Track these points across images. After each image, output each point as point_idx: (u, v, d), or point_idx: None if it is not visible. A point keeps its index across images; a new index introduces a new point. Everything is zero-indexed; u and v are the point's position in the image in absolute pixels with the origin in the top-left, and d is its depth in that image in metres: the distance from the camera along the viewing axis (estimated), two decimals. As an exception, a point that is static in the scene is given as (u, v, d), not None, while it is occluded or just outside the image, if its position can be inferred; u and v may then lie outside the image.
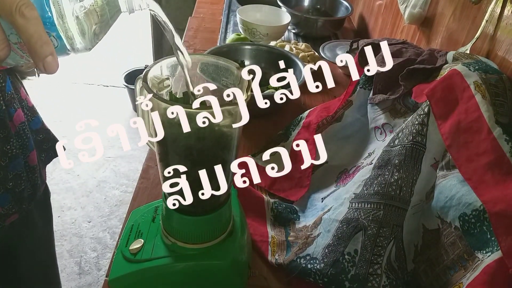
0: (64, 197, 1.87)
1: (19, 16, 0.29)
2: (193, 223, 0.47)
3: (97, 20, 0.34)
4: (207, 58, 0.46)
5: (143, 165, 0.75)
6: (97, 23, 0.34)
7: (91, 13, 0.33)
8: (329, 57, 1.10)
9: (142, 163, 0.76)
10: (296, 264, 0.56)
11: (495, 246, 0.46)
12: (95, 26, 0.34)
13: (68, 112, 2.30)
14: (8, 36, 0.31)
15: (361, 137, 0.75)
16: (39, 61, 0.31)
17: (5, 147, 0.61)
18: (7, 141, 0.61)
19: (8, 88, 0.61)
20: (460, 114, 0.52)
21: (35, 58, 0.31)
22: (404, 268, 0.56)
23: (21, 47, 0.32)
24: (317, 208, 0.67)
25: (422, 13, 0.89)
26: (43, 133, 0.73)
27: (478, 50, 0.67)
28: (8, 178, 0.63)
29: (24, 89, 0.71)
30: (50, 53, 0.31)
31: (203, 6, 1.49)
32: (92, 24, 0.34)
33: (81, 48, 0.34)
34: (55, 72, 0.32)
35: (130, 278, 0.48)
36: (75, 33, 0.33)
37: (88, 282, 1.57)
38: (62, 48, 0.33)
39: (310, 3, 1.43)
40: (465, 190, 0.50)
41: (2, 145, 0.60)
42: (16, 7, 0.29)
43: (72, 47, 0.34)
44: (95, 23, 0.34)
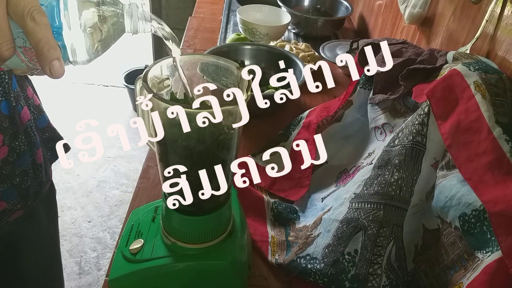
0: (64, 197, 1.87)
1: (30, 20, 0.30)
2: (193, 223, 0.47)
3: (100, 38, 0.35)
4: (207, 58, 0.46)
5: (143, 165, 0.75)
6: (101, 41, 0.35)
7: (97, 30, 0.34)
8: (329, 57, 1.10)
9: (142, 163, 0.76)
10: (296, 264, 0.56)
11: (495, 246, 0.46)
12: (98, 44, 0.35)
13: (68, 112, 2.30)
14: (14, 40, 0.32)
15: (361, 137, 0.75)
16: (45, 64, 0.32)
17: (14, 143, 0.62)
18: (16, 137, 0.62)
19: (14, 86, 0.62)
20: (460, 114, 0.52)
21: (42, 61, 0.32)
22: (404, 268, 0.56)
23: (25, 51, 0.33)
24: (317, 208, 0.67)
25: (422, 13, 0.89)
26: (49, 132, 0.74)
27: (478, 50, 0.67)
28: (15, 173, 0.64)
29: (32, 87, 0.71)
30: (57, 57, 0.32)
31: (203, 6, 1.49)
32: (96, 41, 0.35)
33: (81, 61, 0.36)
34: (61, 76, 0.33)
35: (130, 278, 0.48)
36: (79, 46, 0.34)
37: (88, 282, 1.57)
38: (63, 57, 0.34)
39: (310, 3, 1.43)
40: (465, 190, 0.50)
41: (11, 141, 0.61)
42: (28, 11, 0.30)
43: (73, 59, 0.35)
44: (98, 40, 0.35)
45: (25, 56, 0.34)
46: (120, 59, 2.56)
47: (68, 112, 2.30)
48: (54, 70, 0.32)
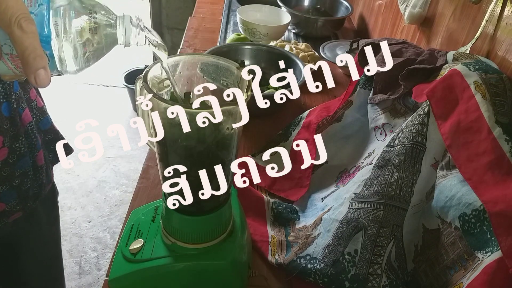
0: (64, 197, 1.87)
1: (17, 28, 0.30)
2: (193, 223, 0.47)
3: (91, 48, 0.35)
4: (207, 58, 0.46)
5: (143, 165, 0.75)
6: (91, 51, 0.35)
7: (88, 40, 0.34)
8: (329, 57, 1.10)
9: (142, 163, 0.76)
10: (296, 264, 0.56)
11: (495, 246, 0.46)
12: (88, 53, 0.35)
13: (68, 112, 2.30)
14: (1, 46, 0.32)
15: (361, 137, 0.75)
16: (31, 73, 0.31)
17: (14, 144, 0.62)
18: (17, 139, 0.62)
19: (15, 88, 0.62)
20: (460, 114, 0.52)
21: (28, 70, 0.31)
22: (404, 268, 0.56)
23: (11, 58, 0.33)
24: (317, 208, 0.67)
25: (422, 13, 0.89)
26: (51, 134, 0.74)
27: (478, 50, 0.67)
28: (15, 175, 0.64)
29: (36, 89, 0.71)
30: (43, 66, 0.31)
31: (203, 6, 1.49)
32: (86, 50, 0.34)
33: (70, 70, 0.35)
34: (47, 86, 0.32)
35: (130, 278, 0.48)
36: (68, 56, 0.34)
37: (88, 282, 1.57)
38: (51, 67, 0.34)
39: (310, 3, 1.43)
40: (465, 190, 0.50)
41: (11, 142, 0.61)
42: (15, 19, 0.30)
43: (61, 68, 0.34)
44: (89, 50, 0.35)
45: (12, 63, 0.33)
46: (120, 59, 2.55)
47: (68, 112, 2.30)
48: (39, 79, 0.31)
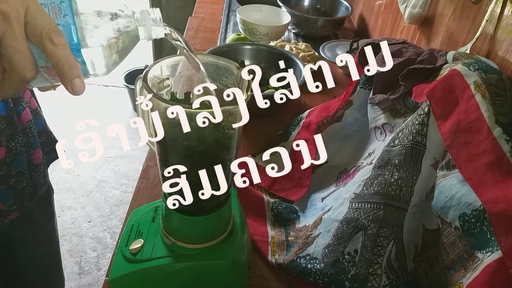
0: (64, 197, 1.87)
1: (48, 42, 0.32)
2: (193, 223, 0.47)
3: (117, 49, 0.36)
4: (207, 58, 0.46)
5: (143, 165, 0.75)
6: (118, 52, 0.37)
7: (113, 43, 0.36)
8: (329, 57, 1.10)
9: (142, 163, 0.76)
10: (296, 264, 0.56)
11: (495, 246, 0.46)
12: (115, 55, 0.36)
13: (68, 112, 2.30)
14: (36, 61, 0.33)
15: (361, 137, 0.75)
16: (67, 82, 0.33)
17: (11, 143, 0.62)
18: (13, 138, 0.63)
19: None
20: (460, 114, 0.52)
21: (64, 79, 0.33)
22: (404, 268, 0.56)
23: (48, 71, 0.35)
24: (317, 208, 0.67)
25: (422, 13, 0.89)
26: (45, 135, 0.74)
27: (478, 50, 0.67)
28: (11, 174, 0.64)
29: (31, 91, 0.72)
30: (78, 75, 0.33)
31: (203, 6, 1.49)
32: (113, 53, 0.36)
33: (101, 73, 0.37)
34: (82, 93, 0.34)
35: (130, 278, 0.48)
36: (98, 60, 0.35)
37: (88, 282, 1.57)
38: (84, 72, 0.35)
39: (310, 3, 1.43)
40: (465, 190, 0.50)
41: (8, 141, 0.61)
42: (46, 33, 0.32)
43: (93, 72, 0.36)
44: (116, 52, 0.36)
45: (49, 75, 0.35)
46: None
47: (68, 112, 2.30)
48: (75, 87, 0.33)
